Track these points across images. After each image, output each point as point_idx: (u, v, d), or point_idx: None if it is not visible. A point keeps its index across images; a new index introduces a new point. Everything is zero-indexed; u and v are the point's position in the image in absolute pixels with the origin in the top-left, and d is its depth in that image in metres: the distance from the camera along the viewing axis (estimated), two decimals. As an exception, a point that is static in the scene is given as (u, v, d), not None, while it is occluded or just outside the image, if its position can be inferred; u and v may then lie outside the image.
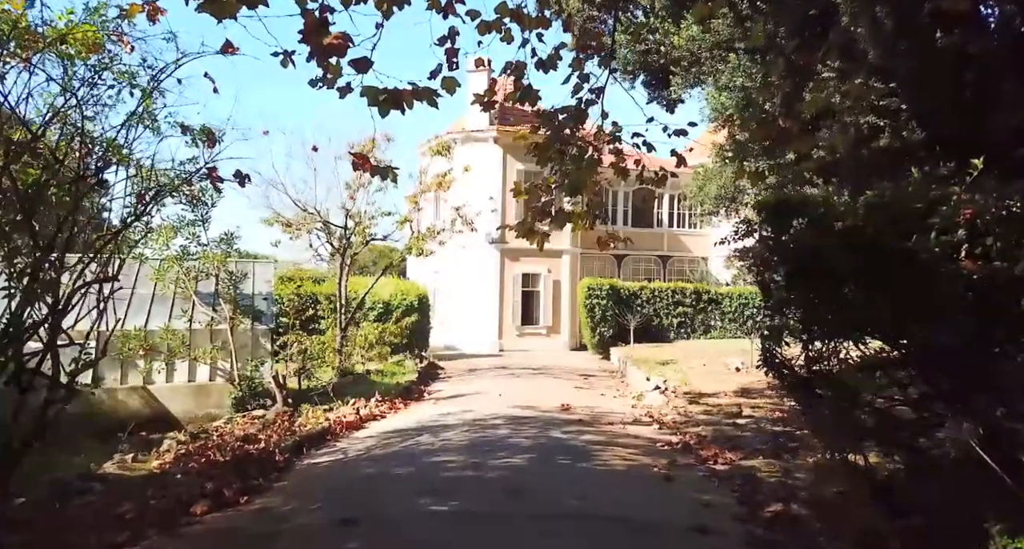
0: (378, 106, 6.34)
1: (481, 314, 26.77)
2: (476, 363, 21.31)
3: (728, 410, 12.27)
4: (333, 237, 16.08)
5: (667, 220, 31.79)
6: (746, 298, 25.19)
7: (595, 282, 23.31)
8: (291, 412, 10.55)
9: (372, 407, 12.30)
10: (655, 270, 31.30)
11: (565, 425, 10.65)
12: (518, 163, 27.27)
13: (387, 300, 21.65)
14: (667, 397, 13.88)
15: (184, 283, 11.54)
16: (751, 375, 15.59)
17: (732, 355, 18.51)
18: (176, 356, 11.07)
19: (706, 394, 14.00)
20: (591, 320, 22.96)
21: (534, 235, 9.58)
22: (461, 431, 9.85)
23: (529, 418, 11.12)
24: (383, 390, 14.26)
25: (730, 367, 16.27)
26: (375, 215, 16.52)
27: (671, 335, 24.36)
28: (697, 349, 20.44)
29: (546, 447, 8.90)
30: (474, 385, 15.86)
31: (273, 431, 9.47)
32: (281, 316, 20.65)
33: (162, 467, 7.90)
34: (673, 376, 15.84)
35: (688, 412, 12.39)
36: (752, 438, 10.09)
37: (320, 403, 12.52)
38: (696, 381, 15.17)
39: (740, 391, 14.00)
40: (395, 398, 13.57)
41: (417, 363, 18.98)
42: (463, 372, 19.00)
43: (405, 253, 16.05)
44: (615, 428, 10.81)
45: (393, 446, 9.02)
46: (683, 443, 9.76)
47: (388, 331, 17.30)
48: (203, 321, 11.71)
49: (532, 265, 27.42)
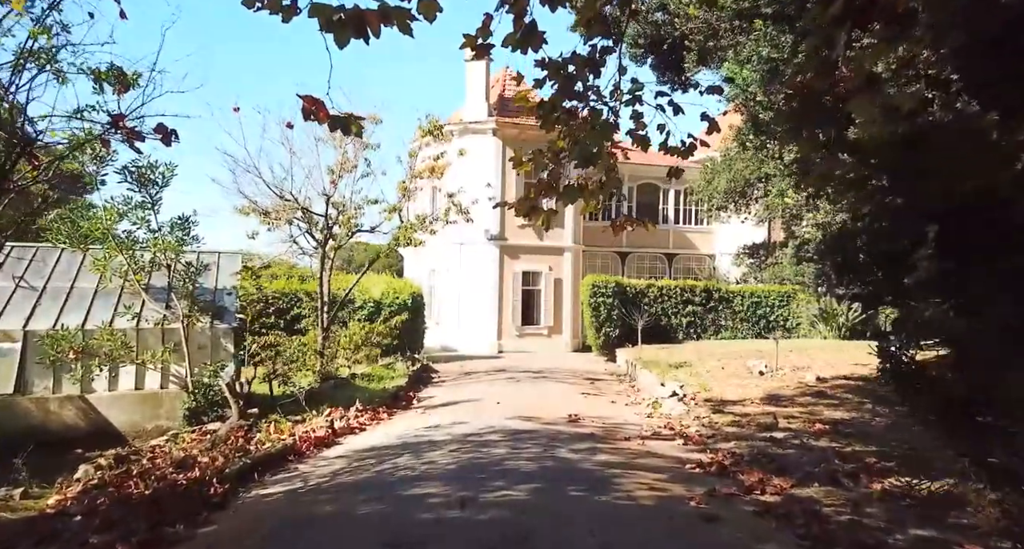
0: (333, 32, 4.51)
1: (479, 314, 24.92)
2: (473, 365, 19.44)
3: (759, 421, 10.41)
4: (315, 228, 14.24)
5: (673, 217, 29.93)
6: (758, 297, 23.33)
7: (600, 279, 21.44)
8: (249, 427, 8.68)
9: (351, 418, 10.44)
10: (660, 268, 29.45)
11: (574, 441, 8.79)
12: (518, 156, 25.41)
13: (378, 298, 19.78)
14: (687, 405, 12.01)
15: (131, 275, 9.67)
16: (777, 379, 13.72)
17: (751, 357, 16.65)
18: (119, 360, 9.20)
19: (730, 401, 12.14)
20: (596, 320, 21.09)
21: (537, 213, 7.74)
22: (450, 450, 7.98)
23: (531, 432, 9.25)
24: (366, 397, 12.40)
25: (752, 370, 14.41)
26: (361, 204, 14.67)
27: (680, 336, 22.48)
28: (710, 350, 18.56)
29: (553, 472, 7.04)
30: (469, 391, 13.99)
31: (221, 451, 7.60)
32: (261, 316, 18.86)
33: (61, 504, 6.02)
34: (690, 381, 13.98)
35: (714, 423, 10.53)
36: (798, 457, 8.22)
37: (291, 413, 10.68)
38: (717, 386, 13.31)
39: (768, 398, 12.14)
40: (379, 406, 11.70)
41: (409, 366, 17.10)
42: (459, 375, 17.13)
43: (393, 245, 14.23)
44: (633, 445, 8.93)
45: (365, 471, 7.15)
46: (717, 464, 7.89)
47: (376, 331, 15.44)
48: (153, 319, 9.85)
49: (533, 263, 25.58)
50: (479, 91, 25.73)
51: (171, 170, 9.40)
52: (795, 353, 16.35)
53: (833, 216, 14.95)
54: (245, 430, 8.48)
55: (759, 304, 23.22)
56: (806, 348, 16.72)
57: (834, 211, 14.47)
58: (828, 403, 11.62)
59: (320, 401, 11.76)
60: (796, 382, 13.24)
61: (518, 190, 25.76)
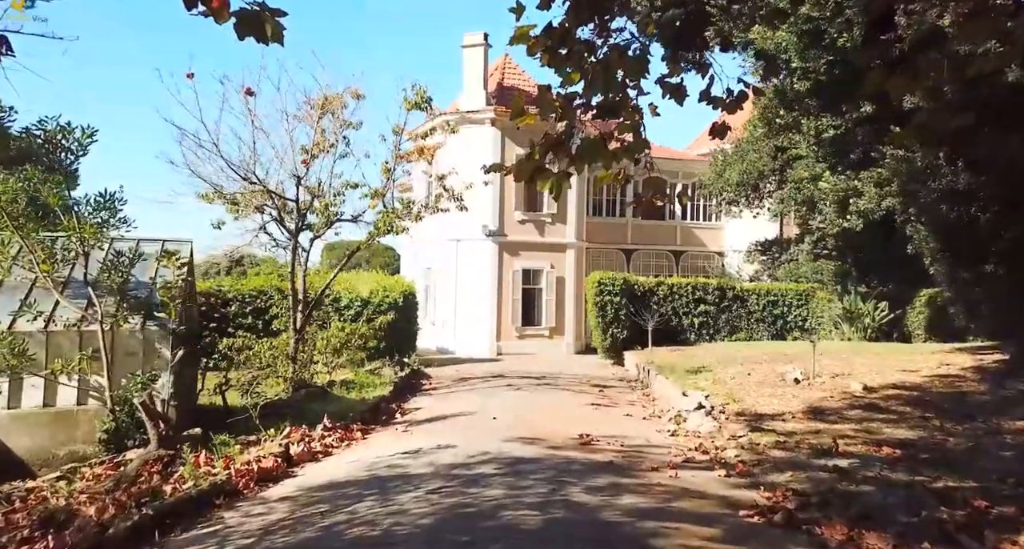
0: None
1: (477, 314, 22.86)
2: (470, 370, 17.39)
3: (810, 442, 8.35)
4: (287, 215, 12.19)
5: (680, 212, 27.87)
6: (775, 296, 21.24)
7: (606, 276, 19.35)
8: (171, 458, 6.60)
9: (315, 438, 8.38)
10: (667, 266, 27.38)
11: (589, 474, 6.72)
12: (518, 147, 23.39)
13: (367, 297, 17.73)
14: (716, 420, 9.95)
15: (37, 266, 7.59)
16: (816, 388, 11.64)
17: (777, 361, 14.58)
18: (19, 370, 7.14)
19: (767, 415, 10.08)
20: (602, 320, 19.01)
21: (544, 175, 5.68)
22: (429, 491, 5.91)
23: (535, 462, 7.18)
24: (341, 410, 10.34)
25: (785, 378, 12.32)
26: (341, 190, 12.60)
27: (691, 337, 20.40)
28: (728, 353, 16.48)
29: (566, 527, 4.97)
30: (463, 402, 11.93)
31: (126, 494, 5.54)
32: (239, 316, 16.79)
33: None
34: (714, 389, 11.91)
35: (755, 445, 8.46)
36: (880, 497, 6.14)
37: (248, 432, 8.63)
38: (747, 397, 11.24)
39: (811, 411, 10.08)
40: (354, 422, 9.64)
41: (397, 371, 15.04)
42: (452, 382, 15.06)
43: (375, 234, 12.17)
44: (664, 478, 6.86)
45: (308, 526, 5.08)
46: (781, 509, 5.82)
47: (358, 333, 13.38)
48: (71, 320, 7.79)
49: (533, 260, 23.53)
50: (477, 79, 23.72)
51: (89, 135, 7.38)
52: (827, 357, 14.29)
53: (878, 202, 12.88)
54: (165, 462, 6.42)
55: (776, 303, 21.14)
56: (838, 351, 14.65)
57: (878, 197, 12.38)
58: (885, 418, 9.56)
59: (286, 416, 9.71)
60: (840, 392, 11.16)
61: (518, 183, 23.65)
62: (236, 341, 12.55)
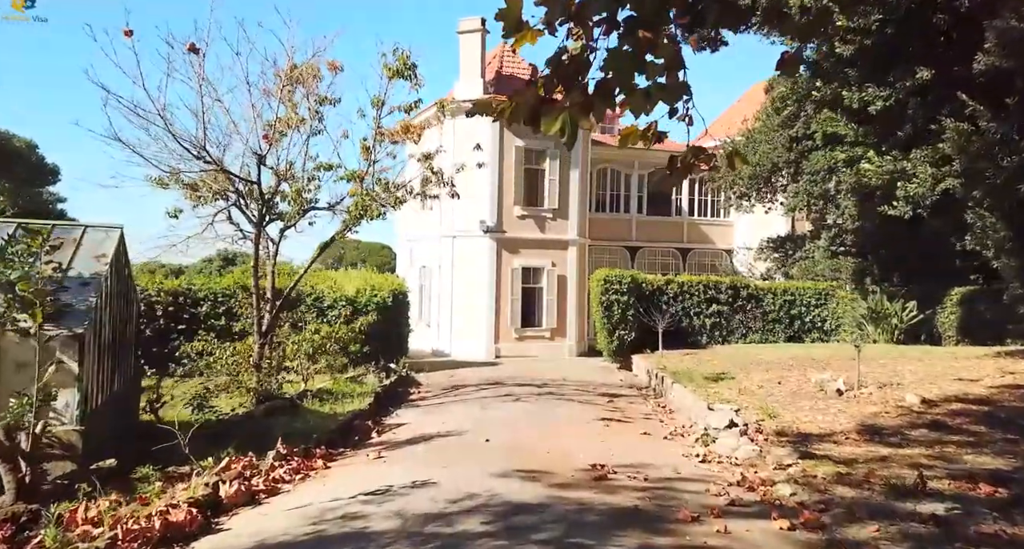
0: None
1: (474, 314, 21.00)
2: (465, 375, 15.53)
3: (880, 473, 6.51)
4: (254, 202, 10.35)
5: (687, 208, 25.99)
6: (792, 295, 19.36)
7: (613, 274, 17.47)
8: (35, 513, 4.73)
9: (262, 471, 6.53)
10: (673, 264, 25.51)
11: (610, 530, 4.87)
12: (517, 139, 21.56)
13: (353, 296, 15.88)
14: (754, 441, 8.09)
15: None
16: (864, 401, 9.75)
17: (805, 366, 12.72)
18: None
19: (813, 436, 8.21)
20: (608, 321, 17.15)
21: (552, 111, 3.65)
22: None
23: (537, 509, 5.31)
24: (304, 430, 8.48)
25: (824, 388, 10.45)
26: (315, 175, 10.76)
27: (703, 339, 18.53)
28: (747, 358, 14.60)
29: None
30: (453, 416, 10.06)
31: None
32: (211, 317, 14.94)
33: None
34: (742, 401, 10.06)
35: (810, 476, 6.61)
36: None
37: (181, 462, 6.79)
38: (784, 412, 9.36)
39: (865, 431, 8.22)
40: (317, 446, 7.78)
41: (382, 378, 13.17)
42: (444, 390, 13.20)
43: (350, 222, 10.25)
44: (710, 533, 4.98)
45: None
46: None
47: (336, 336, 11.54)
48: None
49: (533, 258, 21.64)
50: (474, 66, 21.88)
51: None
52: (864, 363, 12.42)
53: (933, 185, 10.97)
54: (21, 523, 4.55)
55: (793, 303, 19.26)
56: (875, 357, 12.75)
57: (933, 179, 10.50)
58: (960, 441, 7.70)
59: (239, 436, 7.86)
60: (894, 406, 9.29)
61: (518, 176, 21.94)
62: (197, 345, 10.74)
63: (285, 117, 10.34)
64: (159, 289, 14.42)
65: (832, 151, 15.06)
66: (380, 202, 9.89)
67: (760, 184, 22.16)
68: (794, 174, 21.29)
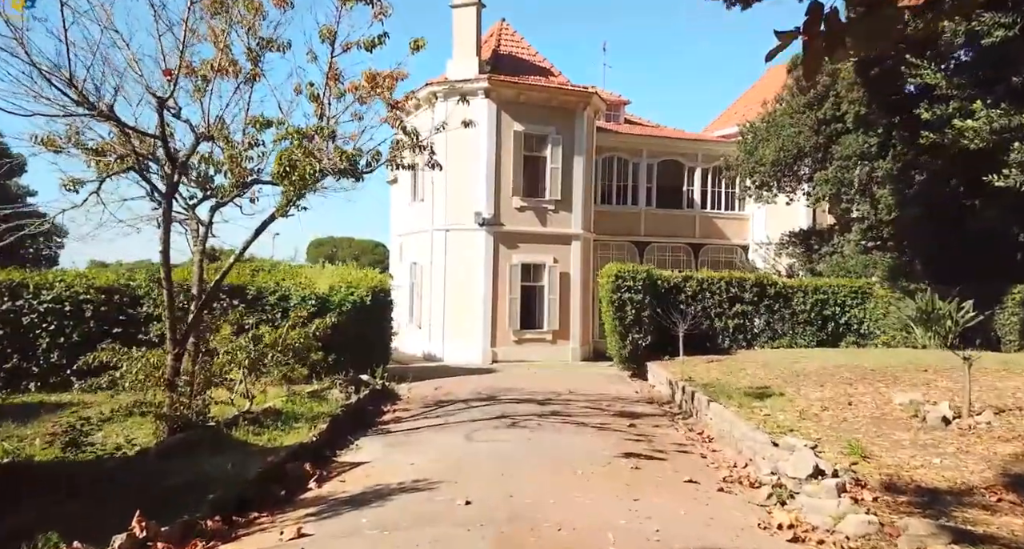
0: None
1: (469, 315, 18.29)
2: (455, 385, 12.79)
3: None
4: (160, 165, 7.61)
5: (699, 200, 23.24)
6: (824, 293, 16.58)
7: (626, 269, 14.71)
8: None
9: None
10: (684, 261, 22.75)
11: None
12: (516, 123, 18.87)
13: (325, 294, 13.15)
14: (857, 501, 5.38)
15: None
16: (986, 435, 6.96)
17: (869, 380, 9.95)
18: None
19: (942, 493, 5.45)
20: (620, 323, 14.39)
21: None
22: None
23: None
24: (197, 484, 5.72)
25: (919, 413, 7.70)
26: (256, 138, 8.02)
27: (725, 343, 15.77)
28: (785, 366, 11.80)
29: None
30: (426, 452, 7.32)
31: None
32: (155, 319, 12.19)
33: None
34: (807, 428, 7.33)
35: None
36: None
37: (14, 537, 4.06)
38: (876, 448, 6.59)
39: (1016, 483, 5.53)
40: (211, 514, 5.03)
41: (350, 393, 10.43)
42: (426, 408, 10.46)
43: (289, 193, 7.41)
44: None
45: None
46: None
47: (284, 342, 8.81)
48: None
49: (534, 253, 18.92)
50: (469, 44, 19.16)
51: None
52: (942, 376, 9.69)
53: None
54: None
55: (826, 302, 16.49)
56: (950, 369, 9.97)
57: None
58: None
59: (111, 492, 5.15)
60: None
61: (516, 163, 19.17)
62: (101, 355, 8.01)
63: (214, 60, 7.61)
64: (88, 285, 11.68)
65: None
66: (318, 159, 7.09)
67: (783, 171, 19.47)
68: (822, 160, 18.60)
